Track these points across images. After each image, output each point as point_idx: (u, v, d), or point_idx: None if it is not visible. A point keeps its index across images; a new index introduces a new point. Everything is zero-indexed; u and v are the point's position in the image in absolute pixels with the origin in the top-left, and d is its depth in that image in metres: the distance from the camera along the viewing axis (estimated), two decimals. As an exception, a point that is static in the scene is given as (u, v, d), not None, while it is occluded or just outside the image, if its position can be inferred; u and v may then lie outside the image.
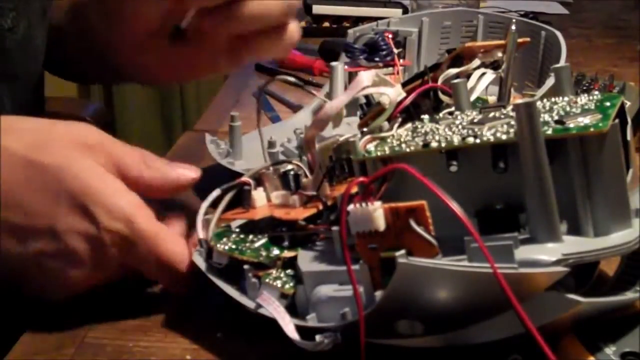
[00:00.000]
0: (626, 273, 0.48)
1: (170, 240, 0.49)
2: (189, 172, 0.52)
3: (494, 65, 0.61)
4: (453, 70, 0.58)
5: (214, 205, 0.53)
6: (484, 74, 0.59)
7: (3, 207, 0.46)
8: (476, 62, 0.60)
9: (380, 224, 0.41)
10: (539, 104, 0.47)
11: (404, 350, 0.44)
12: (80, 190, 0.47)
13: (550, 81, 0.66)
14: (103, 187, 0.48)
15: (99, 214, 0.47)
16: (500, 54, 0.61)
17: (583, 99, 0.46)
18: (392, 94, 0.51)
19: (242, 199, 0.53)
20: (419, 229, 0.41)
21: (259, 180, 0.54)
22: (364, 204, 0.41)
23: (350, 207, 0.41)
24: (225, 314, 0.49)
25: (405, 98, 0.52)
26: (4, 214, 0.46)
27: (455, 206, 0.39)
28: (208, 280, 0.49)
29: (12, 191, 0.47)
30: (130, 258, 0.48)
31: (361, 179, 0.43)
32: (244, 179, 0.54)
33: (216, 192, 0.54)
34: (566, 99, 0.47)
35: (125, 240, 0.47)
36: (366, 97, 0.60)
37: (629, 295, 0.45)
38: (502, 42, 0.61)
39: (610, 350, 0.43)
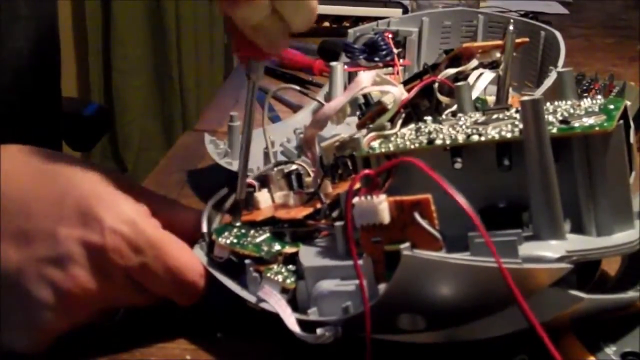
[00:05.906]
0: (627, 273, 0.48)
1: (178, 248, 0.47)
2: None
3: (493, 66, 0.61)
4: (451, 70, 0.58)
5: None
6: (482, 74, 0.59)
7: (8, 213, 0.45)
8: (474, 62, 0.60)
9: (385, 216, 0.41)
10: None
11: (405, 346, 0.43)
12: (87, 193, 0.46)
13: (550, 79, 0.66)
14: (111, 192, 0.47)
15: (104, 214, 0.45)
16: (498, 54, 0.61)
17: (587, 102, 0.46)
18: (397, 92, 0.51)
19: (246, 201, 0.53)
20: (424, 223, 0.41)
21: (263, 181, 0.54)
22: (369, 197, 0.41)
23: (356, 199, 0.41)
24: (225, 314, 0.49)
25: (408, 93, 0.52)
26: (8, 219, 0.45)
27: (461, 199, 0.39)
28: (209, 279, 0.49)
29: (17, 196, 0.46)
30: (135, 267, 0.46)
31: (367, 171, 0.43)
32: (248, 180, 0.53)
33: (223, 191, 0.53)
34: (570, 102, 0.48)
35: (130, 244, 0.45)
36: (365, 97, 0.60)
37: (630, 293, 0.45)
38: (500, 42, 0.61)
39: (610, 350, 0.43)
